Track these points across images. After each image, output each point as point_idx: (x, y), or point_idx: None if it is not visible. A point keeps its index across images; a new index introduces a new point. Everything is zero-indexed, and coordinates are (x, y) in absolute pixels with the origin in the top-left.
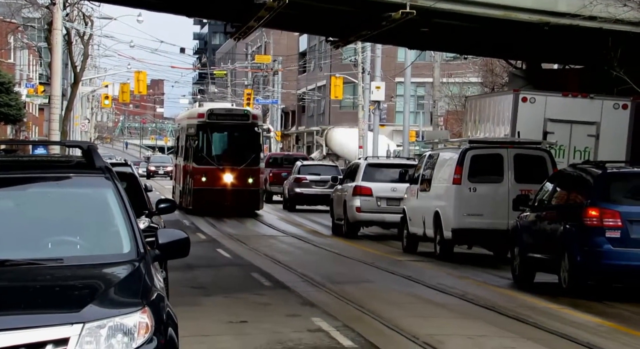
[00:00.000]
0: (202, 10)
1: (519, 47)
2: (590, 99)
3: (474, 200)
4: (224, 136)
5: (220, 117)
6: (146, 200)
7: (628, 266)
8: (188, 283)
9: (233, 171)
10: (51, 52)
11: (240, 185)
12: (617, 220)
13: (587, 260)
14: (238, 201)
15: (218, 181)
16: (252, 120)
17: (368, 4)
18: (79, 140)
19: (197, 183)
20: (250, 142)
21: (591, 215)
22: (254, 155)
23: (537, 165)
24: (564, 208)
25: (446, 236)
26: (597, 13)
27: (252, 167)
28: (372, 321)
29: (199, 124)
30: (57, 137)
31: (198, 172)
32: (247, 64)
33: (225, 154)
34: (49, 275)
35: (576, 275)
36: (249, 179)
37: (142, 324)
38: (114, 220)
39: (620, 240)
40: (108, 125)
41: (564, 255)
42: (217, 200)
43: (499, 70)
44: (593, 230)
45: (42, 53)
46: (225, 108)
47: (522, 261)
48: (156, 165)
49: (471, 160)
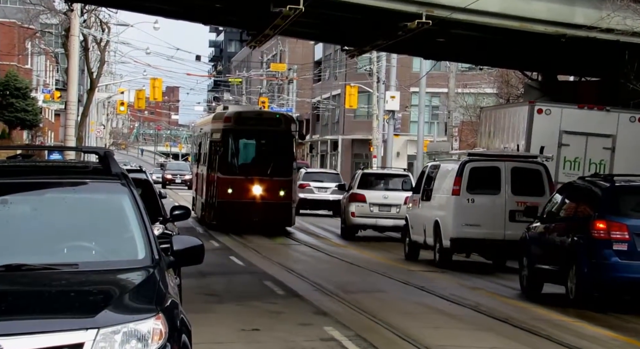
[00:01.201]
0: (218, 18)
1: (534, 59)
2: (606, 112)
3: (472, 211)
4: (253, 143)
5: (249, 121)
6: (160, 206)
7: (635, 278)
8: (201, 290)
9: (263, 182)
10: (68, 58)
11: (270, 198)
12: (624, 232)
13: (594, 271)
14: (268, 216)
15: (246, 193)
16: (285, 125)
17: (384, 13)
18: (96, 146)
19: (222, 195)
20: (283, 150)
21: (599, 228)
22: (286, 165)
23: (533, 178)
24: (572, 220)
25: (445, 245)
26: (614, 25)
27: (284, 178)
28: (384, 331)
29: (225, 129)
30: (72, 142)
31: (223, 183)
32: (262, 72)
33: (255, 163)
34: (65, 280)
35: (583, 286)
36: (281, 191)
37: (156, 330)
38: (129, 226)
39: (627, 253)
40: (123, 131)
41: (571, 266)
42: (244, 214)
43: (515, 81)
44: (600, 243)
45: (59, 59)
46: (255, 111)
47: (530, 272)
48: (173, 172)
49: (470, 172)
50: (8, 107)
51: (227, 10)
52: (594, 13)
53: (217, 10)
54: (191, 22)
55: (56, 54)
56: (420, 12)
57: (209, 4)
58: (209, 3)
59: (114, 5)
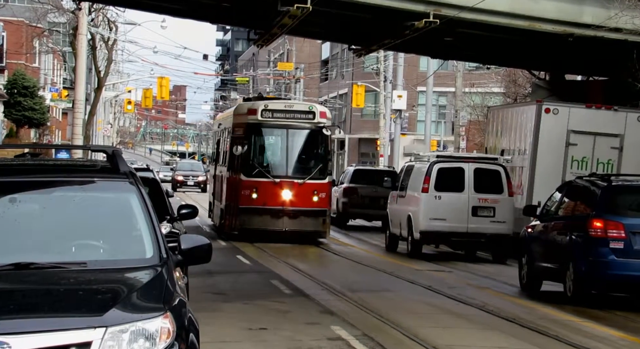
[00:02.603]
0: (226, 17)
1: (542, 58)
2: (614, 111)
3: (438, 207)
4: (283, 139)
5: (278, 114)
6: (168, 205)
7: (631, 276)
8: (208, 289)
9: (293, 186)
10: (75, 56)
11: (302, 205)
12: (620, 231)
13: (591, 269)
14: (299, 226)
15: (273, 198)
16: (319, 118)
17: (391, 12)
18: (104, 145)
19: (246, 200)
20: (317, 148)
21: (596, 226)
22: (321, 165)
23: (493, 178)
24: (570, 219)
25: (416, 237)
26: (623, 25)
27: (319, 181)
28: (391, 331)
29: (249, 124)
30: (80, 141)
31: (247, 186)
32: (270, 71)
33: (284, 163)
34: (73, 278)
35: (580, 284)
36: (314, 197)
37: (163, 329)
38: (137, 224)
39: (624, 251)
40: (130, 130)
41: (569, 264)
42: (272, 223)
43: (522, 80)
44: (597, 241)
45: (66, 57)
46: (284, 101)
47: (530, 269)
48: (184, 173)
49: (437, 172)
50: (16, 105)
51: (234, 9)
52: (602, 12)
53: (225, 9)
54: (198, 21)
55: (64, 52)
56: (428, 11)
57: (217, 3)
58: (216, 2)
59: (122, 4)
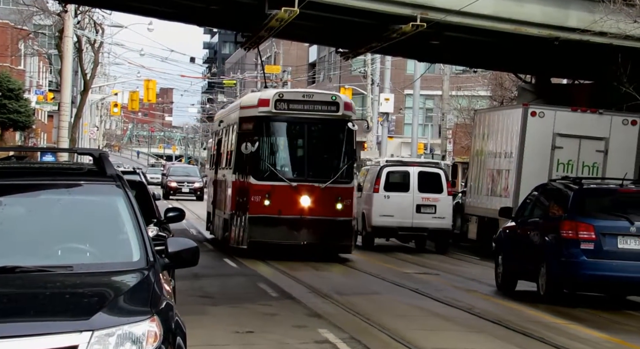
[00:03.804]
0: (213, 20)
1: (528, 61)
2: (599, 115)
3: (387, 205)
4: (301, 135)
5: (294, 105)
6: (155, 208)
7: (600, 276)
8: (195, 292)
9: (314, 191)
10: (61, 59)
11: (324, 213)
12: (591, 232)
13: (563, 269)
14: (319, 238)
15: (290, 206)
16: (343, 110)
17: (378, 16)
18: (90, 148)
19: (256, 208)
20: (341, 145)
21: (567, 228)
22: (345, 167)
23: (435, 180)
24: (543, 220)
25: (368, 231)
26: (608, 29)
27: (343, 185)
28: (379, 334)
29: (260, 117)
30: (66, 144)
31: (258, 192)
32: (257, 74)
33: (302, 164)
34: (59, 282)
35: (553, 283)
36: (338, 204)
37: (150, 332)
38: (124, 227)
39: (594, 252)
40: (116, 133)
41: (542, 264)
42: (288, 235)
43: (509, 84)
44: (569, 242)
45: (52, 60)
46: (301, 91)
47: (505, 269)
48: (178, 179)
49: (386, 174)
50: (1, 108)
51: (221, 12)
52: (587, 16)
53: (212, 12)
54: (185, 23)
55: (49, 55)
56: (415, 14)
57: (204, 5)
58: (203, 5)
59: (108, 7)
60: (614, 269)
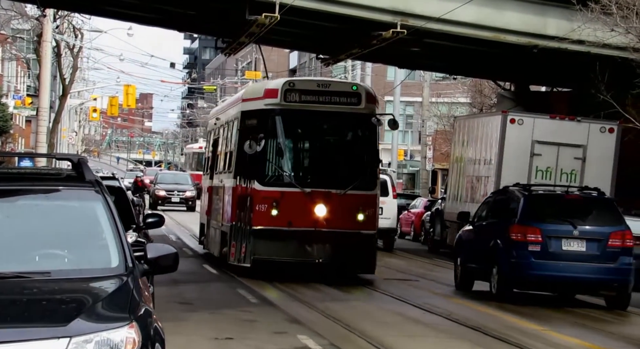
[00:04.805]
0: (193, 25)
1: (507, 69)
2: (577, 122)
3: None
4: (315, 132)
5: (308, 96)
6: (134, 214)
7: (547, 275)
8: (174, 299)
9: (331, 198)
10: (40, 64)
11: (342, 225)
12: (538, 235)
13: (512, 270)
14: (337, 256)
15: (302, 216)
16: (366, 103)
17: (359, 22)
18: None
19: (262, 219)
20: (362, 145)
21: (517, 231)
22: (368, 170)
23: (382, 185)
24: (496, 224)
25: None
26: (585, 37)
27: (365, 192)
28: (358, 340)
29: (267, 110)
30: (44, 149)
31: (264, 199)
32: (237, 80)
33: (316, 167)
34: (36, 288)
35: (503, 283)
36: (359, 214)
37: (129, 339)
38: (103, 233)
39: (541, 253)
40: (95, 138)
41: (494, 265)
42: (300, 252)
43: (488, 91)
44: (518, 244)
45: (30, 65)
46: (316, 80)
47: (462, 270)
48: (167, 187)
49: None
50: None
51: (201, 17)
52: (566, 24)
53: (192, 18)
54: (165, 28)
55: (28, 59)
56: (395, 21)
57: (184, 11)
58: (183, 10)
59: (88, 11)
60: (559, 269)
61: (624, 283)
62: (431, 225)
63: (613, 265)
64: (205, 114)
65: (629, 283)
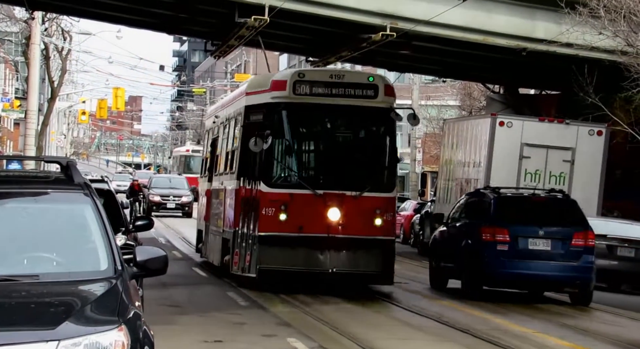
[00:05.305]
0: (182, 28)
1: (497, 72)
2: (566, 125)
3: None
4: (328, 128)
5: (319, 89)
6: (123, 217)
7: (515, 273)
8: (163, 302)
9: (345, 201)
10: (28, 66)
11: (358, 231)
12: (506, 235)
13: (482, 268)
14: (353, 264)
15: (314, 221)
16: (383, 96)
17: (348, 25)
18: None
19: (269, 224)
20: (380, 142)
21: (486, 232)
22: (386, 170)
23: None
24: (467, 225)
25: None
26: (574, 40)
27: (382, 194)
28: (348, 343)
29: (274, 104)
30: (32, 152)
31: (271, 202)
32: (227, 82)
33: (330, 166)
34: (25, 291)
35: (474, 281)
36: (376, 219)
37: (118, 342)
38: (92, 236)
39: (509, 253)
40: (84, 141)
41: (465, 264)
42: (311, 260)
43: (477, 93)
44: (487, 244)
45: (18, 67)
46: (329, 70)
47: (437, 269)
48: (162, 192)
49: None
50: None
51: (191, 20)
52: (554, 28)
53: (181, 20)
54: (155, 31)
55: (16, 62)
56: (385, 24)
57: (173, 13)
58: (173, 13)
59: (76, 14)
60: (526, 267)
61: (586, 280)
62: (421, 227)
63: (576, 263)
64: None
65: (591, 280)
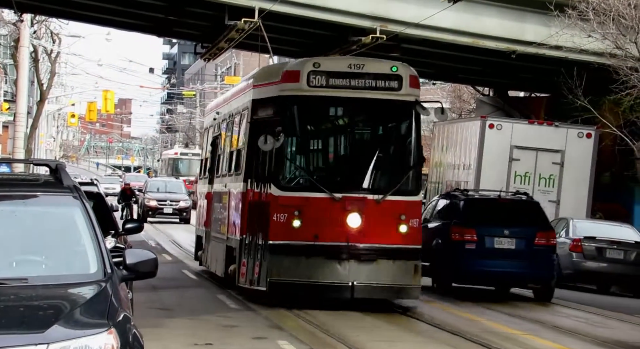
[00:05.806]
0: (172, 31)
1: (486, 74)
2: (555, 127)
3: None
4: (346, 125)
5: (337, 80)
6: (113, 219)
7: (482, 271)
8: (153, 304)
9: (366, 206)
10: (17, 69)
11: (380, 239)
12: (473, 235)
13: (451, 266)
14: (375, 277)
15: (331, 228)
16: (408, 88)
17: (338, 27)
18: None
19: (280, 232)
20: (404, 140)
21: (455, 231)
22: (411, 172)
23: None
24: (438, 225)
25: None
26: (563, 43)
27: (407, 198)
28: (339, 346)
29: (286, 98)
30: (21, 155)
31: (283, 207)
32: (217, 85)
33: (348, 167)
34: (13, 294)
35: (443, 278)
36: (401, 225)
37: (107, 345)
38: (81, 239)
39: (476, 251)
40: (74, 143)
41: (436, 262)
42: (328, 272)
43: (467, 96)
44: (456, 243)
45: (7, 70)
46: (348, 59)
47: None
48: (159, 197)
49: None
50: None
51: (181, 22)
52: (544, 30)
53: (171, 23)
54: (144, 34)
55: (5, 65)
56: (375, 26)
57: (163, 16)
58: (163, 15)
59: (66, 16)
60: (492, 265)
61: (548, 277)
62: None
63: (539, 261)
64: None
65: (553, 277)
